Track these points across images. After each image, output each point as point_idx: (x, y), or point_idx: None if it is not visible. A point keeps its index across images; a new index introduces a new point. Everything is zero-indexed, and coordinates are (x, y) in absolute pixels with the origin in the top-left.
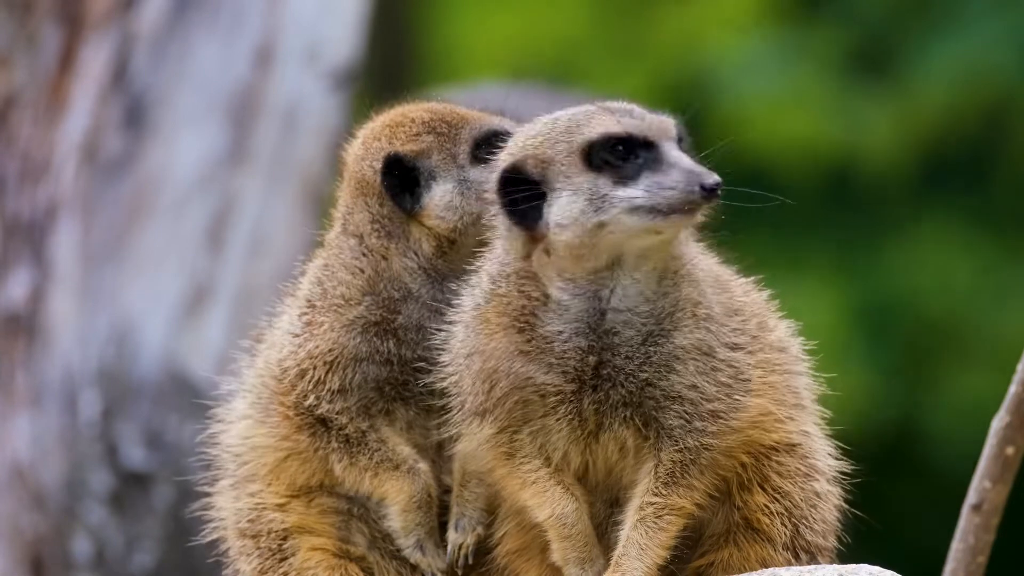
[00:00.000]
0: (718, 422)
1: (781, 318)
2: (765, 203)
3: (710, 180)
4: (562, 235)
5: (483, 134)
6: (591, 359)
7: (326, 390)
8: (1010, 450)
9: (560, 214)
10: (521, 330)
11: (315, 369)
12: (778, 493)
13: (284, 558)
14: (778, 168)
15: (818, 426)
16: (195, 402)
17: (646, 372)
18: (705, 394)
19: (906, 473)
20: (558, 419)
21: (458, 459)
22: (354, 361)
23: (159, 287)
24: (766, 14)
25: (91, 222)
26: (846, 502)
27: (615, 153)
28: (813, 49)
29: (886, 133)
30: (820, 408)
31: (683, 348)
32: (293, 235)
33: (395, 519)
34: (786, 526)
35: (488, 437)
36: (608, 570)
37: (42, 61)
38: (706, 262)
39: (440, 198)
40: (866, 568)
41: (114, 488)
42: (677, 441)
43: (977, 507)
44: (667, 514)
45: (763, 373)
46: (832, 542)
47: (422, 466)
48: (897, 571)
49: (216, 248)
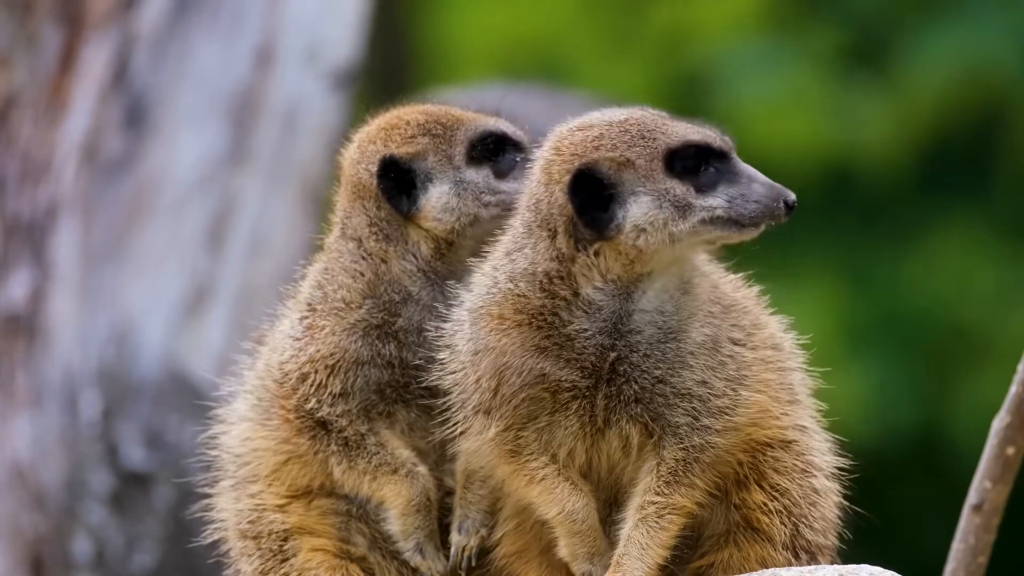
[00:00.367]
0: (723, 419)
1: (772, 314)
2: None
3: (791, 196)
4: (639, 238)
5: (478, 135)
6: (611, 355)
7: (327, 394)
8: (1011, 450)
9: (641, 218)
10: (540, 327)
11: (316, 373)
12: (776, 491)
13: (285, 559)
14: (778, 169)
15: (814, 419)
16: (195, 403)
17: (660, 369)
18: (714, 390)
19: (917, 476)
20: (568, 415)
21: (461, 461)
22: (355, 365)
23: (159, 287)
24: (762, 14)
25: (91, 222)
26: (846, 498)
27: (693, 161)
28: (810, 48)
29: (885, 130)
30: (816, 402)
31: (697, 343)
32: (293, 235)
33: (394, 522)
34: (785, 524)
35: (493, 435)
36: (609, 570)
37: (42, 61)
38: (699, 259)
39: (437, 200)
40: (866, 568)
41: (114, 488)
42: (682, 439)
43: (978, 507)
44: (668, 513)
45: (759, 370)
46: (833, 540)
47: (421, 469)
48: (897, 571)
49: (216, 248)
